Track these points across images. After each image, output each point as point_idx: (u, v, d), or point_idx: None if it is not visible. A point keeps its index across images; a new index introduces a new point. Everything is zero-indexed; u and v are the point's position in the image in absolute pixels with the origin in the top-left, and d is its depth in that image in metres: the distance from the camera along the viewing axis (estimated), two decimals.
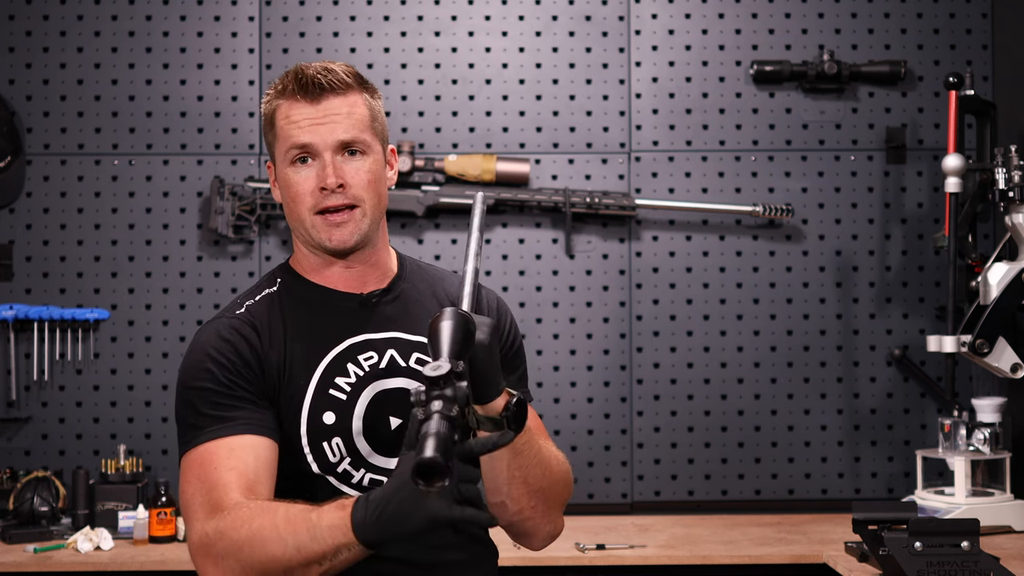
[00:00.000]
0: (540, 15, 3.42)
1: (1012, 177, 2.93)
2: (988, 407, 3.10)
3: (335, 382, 1.67)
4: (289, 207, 1.71)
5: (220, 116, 3.37)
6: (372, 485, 1.65)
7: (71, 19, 3.36)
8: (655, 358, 3.38)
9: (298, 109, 1.68)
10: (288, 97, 1.70)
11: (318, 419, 1.65)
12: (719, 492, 3.37)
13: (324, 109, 1.68)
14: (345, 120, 1.68)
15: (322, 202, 1.67)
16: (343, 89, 1.69)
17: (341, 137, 1.68)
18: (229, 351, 1.64)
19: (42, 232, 3.34)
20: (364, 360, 1.69)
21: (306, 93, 1.68)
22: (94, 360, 3.31)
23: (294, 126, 1.68)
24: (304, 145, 1.68)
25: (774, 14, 3.43)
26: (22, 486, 3.08)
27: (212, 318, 1.73)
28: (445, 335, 1.43)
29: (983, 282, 2.98)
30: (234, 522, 1.52)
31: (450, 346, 1.42)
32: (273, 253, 3.33)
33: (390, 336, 1.73)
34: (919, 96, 3.42)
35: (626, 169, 3.40)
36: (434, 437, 1.29)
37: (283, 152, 1.70)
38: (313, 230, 1.69)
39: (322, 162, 1.68)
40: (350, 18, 3.40)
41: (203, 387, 1.63)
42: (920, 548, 2.32)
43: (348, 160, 1.69)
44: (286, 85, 1.70)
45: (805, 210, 3.41)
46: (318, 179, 1.67)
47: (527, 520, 1.70)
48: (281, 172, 1.71)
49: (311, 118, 1.68)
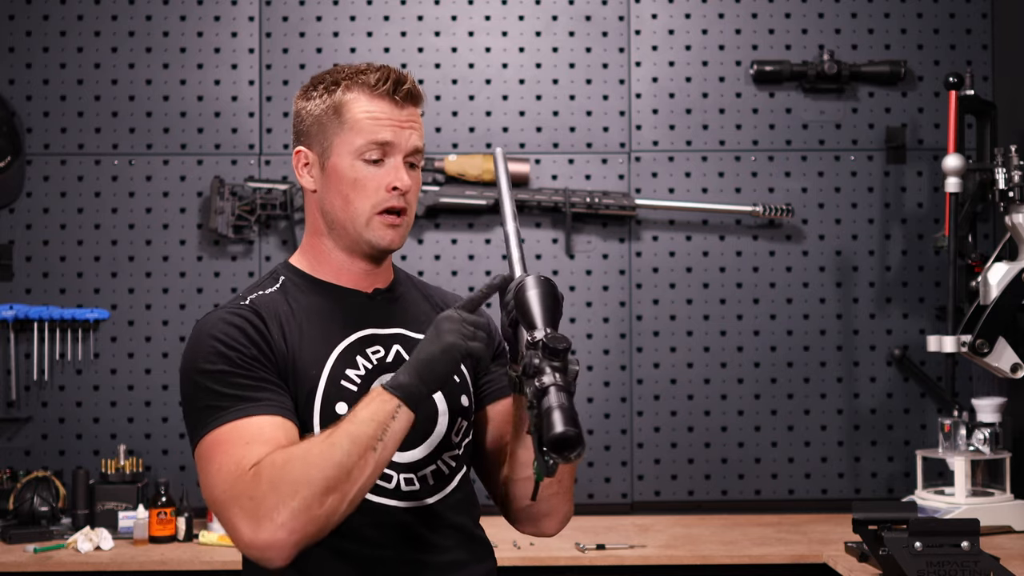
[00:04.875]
0: (540, 15, 3.42)
1: (1012, 177, 2.93)
2: (988, 407, 3.10)
3: (346, 373, 1.67)
4: (346, 199, 1.69)
5: (220, 116, 3.37)
6: (380, 480, 1.64)
7: (71, 19, 3.36)
8: (655, 358, 3.38)
9: (383, 106, 1.69)
10: (375, 94, 1.69)
11: (331, 409, 1.64)
12: (719, 492, 3.37)
13: (407, 114, 1.70)
14: (419, 129, 1.72)
15: (389, 201, 1.68)
16: (420, 101, 1.73)
17: (417, 144, 1.71)
18: (240, 335, 1.62)
19: (42, 232, 3.34)
20: (372, 353, 1.70)
21: (395, 93, 1.69)
22: (94, 360, 3.31)
23: (378, 123, 1.68)
24: (387, 143, 1.68)
25: (774, 14, 3.43)
26: (22, 486, 3.08)
27: (212, 311, 1.70)
28: (537, 303, 1.52)
29: (983, 282, 2.98)
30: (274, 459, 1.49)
31: (545, 314, 1.51)
32: (273, 253, 3.33)
33: (395, 332, 1.74)
34: (919, 96, 3.42)
35: (626, 169, 3.40)
36: (559, 410, 1.38)
37: (355, 144, 1.68)
38: (367, 227, 1.69)
39: (395, 163, 1.69)
40: (350, 18, 3.40)
41: (220, 369, 1.59)
42: (920, 548, 2.32)
43: (409, 170, 1.71)
44: (373, 81, 1.69)
45: (805, 210, 3.41)
46: (392, 179, 1.68)
47: (553, 496, 1.73)
48: (344, 164, 1.69)
49: (396, 119, 1.69)
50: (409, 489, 1.66)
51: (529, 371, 1.45)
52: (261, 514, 1.46)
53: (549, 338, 1.46)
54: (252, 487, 1.48)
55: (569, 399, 1.42)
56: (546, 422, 1.40)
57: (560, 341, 1.46)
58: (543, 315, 1.51)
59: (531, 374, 1.45)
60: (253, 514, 1.47)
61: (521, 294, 1.54)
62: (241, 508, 1.48)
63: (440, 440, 1.70)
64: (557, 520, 1.78)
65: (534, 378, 1.45)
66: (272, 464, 1.49)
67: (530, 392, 1.45)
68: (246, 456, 1.51)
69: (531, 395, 1.45)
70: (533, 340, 1.48)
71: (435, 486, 1.69)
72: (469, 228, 3.37)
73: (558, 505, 1.76)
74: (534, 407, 1.44)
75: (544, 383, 1.43)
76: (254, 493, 1.48)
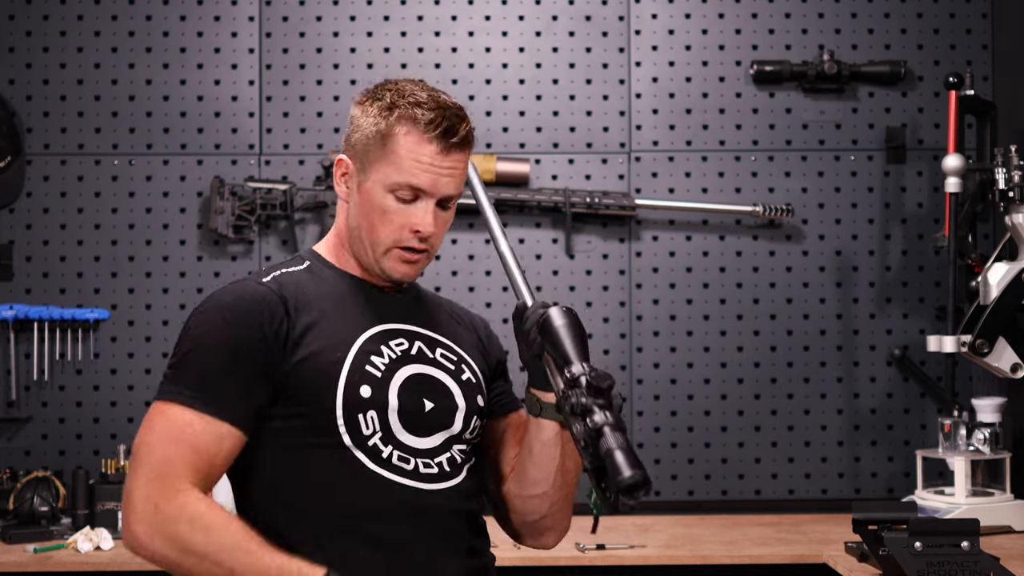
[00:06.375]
0: (540, 15, 3.42)
1: (1012, 177, 2.93)
2: (988, 407, 3.10)
3: (371, 359, 1.68)
4: (372, 226, 1.70)
5: (220, 116, 3.37)
6: (399, 462, 1.66)
7: (71, 19, 3.36)
8: (655, 358, 3.38)
9: (428, 151, 1.67)
10: (424, 132, 1.67)
11: (355, 391, 1.65)
12: (719, 492, 3.37)
13: (450, 161, 1.69)
14: (459, 177, 1.70)
15: (408, 240, 1.70)
16: (468, 147, 1.71)
17: (451, 192, 1.70)
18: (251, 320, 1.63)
19: (42, 232, 3.34)
20: (395, 345, 1.72)
21: (444, 140, 1.67)
22: (94, 360, 3.31)
23: (418, 166, 1.67)
24: (420, 189, 1.68)
25: (774, 14, 3.43)
26: (22, 486, 3.08)
27: (235, 280, 1.72)
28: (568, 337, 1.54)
29: (983, 282, 2.98)
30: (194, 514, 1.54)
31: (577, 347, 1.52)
32: (273, 253, 3.33)
33: (416, 329, 1.77)
34: (919, 96, 3.42)
35: (626, 169, 3.40)
36: (622, 452, 1.41)
37: (391, 179, 1.68)
38: (383, 257, 1.71)
39: (425, 206, 1.68)
40: (350, 18, 3.40)
41: (210, 348, 1.62)
42: (920, 548, 2.32)
43: (440, 212, 1.71)
44: (427, 122, 1.66)
45: (805, 210, 3.41)
46: (416, 222, 1.68)
47: (556, 512, 1.78)
48: (375, 190, 1.69)
49: (437, 167, 1.68)
50: (427, 472, 1.68)
51: (577, 410, 1.46)
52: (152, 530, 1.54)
53: (593, 377, 1.47)
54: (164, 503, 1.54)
55: (625, 438, 1.43)
56: (610, 465, 1.41)
57: (604, 379, 1.46)
58: (576, 349, 1.52)
59: (579, 413, 1.46)
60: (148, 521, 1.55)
61: (548, 327, 1.55)
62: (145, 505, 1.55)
63: (454, 434, 1.74)
64: (558, 533, 1.84)
65: (583, 417, 1.45)
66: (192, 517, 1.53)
67: (579, 430, 1.46)
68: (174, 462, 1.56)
69: (582, 434, 1.45)
70: (573, 377, 1.49)
71: (450, 473, 1.71)
72: (469, 228, 3.37)
73: (561, 519, 1.81)
74: (588, 447, 1.45)
75: (596, 423, 1.44)
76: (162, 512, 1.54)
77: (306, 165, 3.36)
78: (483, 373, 1.82)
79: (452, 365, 1.77)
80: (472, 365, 1.80)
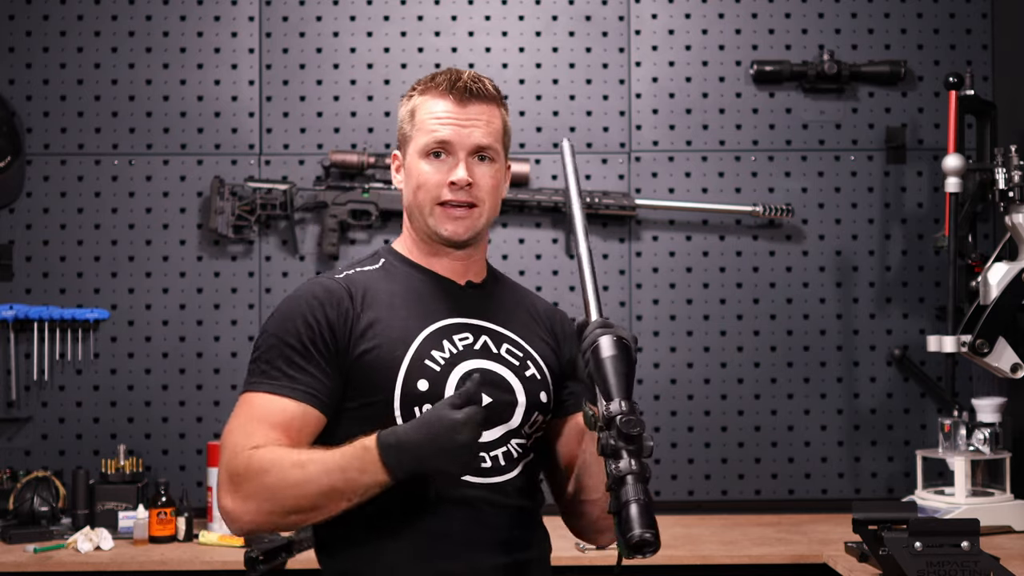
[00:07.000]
0: (540, 15, 3.42)
1: (1012, 177, 2.93)
2: (988, 407, 3.10)
3: (431, 354, 1.74)
4: (413, 194, 1.81)
5: (220, 116, 3.37)
6: None
7: (71, 19, 3.36)
8: (655, 358, 3.38)
9: (444, 106, 1.79)
10: (437, 94, 1.80)
11: (412, 386, 1.71)
12: (719, 492, 3.37)
13: (469, 112, 1.79)
14: (485, 127, 1.80)
15: (445, 195, 1.78)
16: (488, 99, 1.82)
17: (480, 141, 1.79)
18: (319, 312, 1.73)
19: (42, 232, 3.34)
20: (459, 340, 1.78)
21: (456, 94, 1.79)
22: (94, 360, 3.31)
23: (437, 122, 1.79)
24: (443, 141, 1.78)
25: (774, 14, 3.43)
26: (22, 486, 3.08)
27: (313, 278, 1.83)
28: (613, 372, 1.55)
29: (983, 282, 2.98)
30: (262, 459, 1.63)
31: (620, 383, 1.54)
32: (273, 253, 3.33)
33: (484, 324, 1.82)
34: (919, 96, 3.42)
35: (626, 169, 3.40)
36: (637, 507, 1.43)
37: (420, 143, 1.80)
38: (431, 218, 1.80)
39: (455, 160, 1.78)
40: (350, 18, 3.40)
41: (284, 341, 1.72)
42: (920, 548, 2.32)
43: (479, 164, 1.80)
44: (438, 83, 1.80)
45: (805, 210, 3.41)
46: (448, 174, 1.78)
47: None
48: (412, 161, 1.81)
49: (456, 118, 1.79)
50: (481, 466, 1.72)
51: (607, 451, 1.49)
52: (239, 494, 1.64)
53: (623, 423, 1.49)
54: (244, 468, 1.64)
55: (646, 492, 1.45)
56: (624, 518, 1.43)
57: (634, 426, 1.49)
58: (619, 385, 1.55)
59: (608, 454, 1.49)
60: (235, 489, 1.65)
61: (597, 356, 1.57)
62: (230, 478, 1.65)
63: (513, 428, 1.77)
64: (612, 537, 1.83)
65: (611, 459, 1.48)
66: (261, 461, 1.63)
67: (609, 468, 1.48)
68: (253, 435, 1.66)
69: (610, 475, 1.48)
70: (609, 416, 1.51)
71: (505, 467, 1.75)
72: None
73: None
74: (614, 491, 1.47)
75: (621, 470, 1.46)
76: (242, 474, 1.64)
77: (306, 165, 3.36)
78: (552, 370, 1.84)
79: (517, 361, 1.80)
80: (539, 362, 1.83)
